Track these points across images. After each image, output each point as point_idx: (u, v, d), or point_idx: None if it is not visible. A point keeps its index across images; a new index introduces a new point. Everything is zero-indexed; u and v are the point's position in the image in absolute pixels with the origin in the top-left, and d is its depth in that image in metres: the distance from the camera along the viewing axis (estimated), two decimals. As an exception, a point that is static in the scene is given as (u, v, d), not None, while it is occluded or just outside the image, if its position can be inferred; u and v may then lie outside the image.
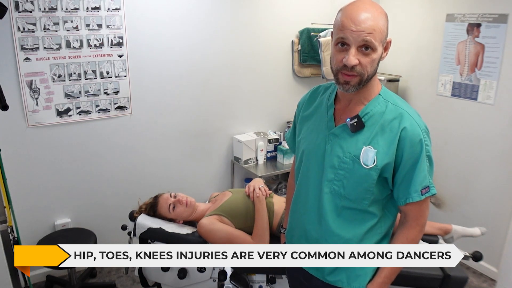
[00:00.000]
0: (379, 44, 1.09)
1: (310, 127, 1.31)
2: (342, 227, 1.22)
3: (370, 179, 1.16)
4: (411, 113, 1.16)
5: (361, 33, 1.06)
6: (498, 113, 2.62)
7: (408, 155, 1.14)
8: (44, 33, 2.36)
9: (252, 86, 3.20)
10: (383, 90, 1.21)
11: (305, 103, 1.37)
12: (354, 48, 1.07)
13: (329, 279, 1.27)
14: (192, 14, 2.81)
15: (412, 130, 1.13)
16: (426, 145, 1.14)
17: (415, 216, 1.21)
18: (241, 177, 3.36)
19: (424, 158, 1.14)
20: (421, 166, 1.14)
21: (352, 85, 1.12)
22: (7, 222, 1.76)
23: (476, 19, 2.66)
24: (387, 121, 1.15)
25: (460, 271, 1.77)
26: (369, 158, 1.15)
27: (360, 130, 1.17)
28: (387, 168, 1.15)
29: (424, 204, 1.20)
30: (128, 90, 2.70)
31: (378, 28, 1.07)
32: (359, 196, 1.19)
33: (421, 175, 1.15)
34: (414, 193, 1.16)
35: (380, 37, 1.08)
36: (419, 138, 1.13)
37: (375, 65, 1.12)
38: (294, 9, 3.21)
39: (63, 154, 2.58)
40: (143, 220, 1.97)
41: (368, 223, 1.22)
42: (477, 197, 2.82)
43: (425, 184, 1.16)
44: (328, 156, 1.21)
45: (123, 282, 2.70)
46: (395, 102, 1.18)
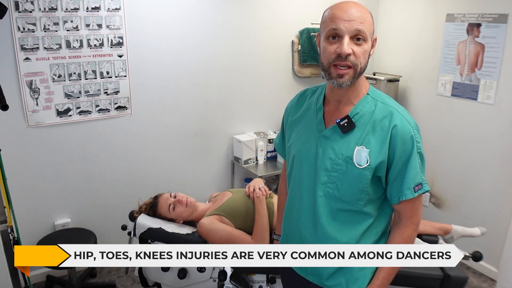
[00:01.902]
0: (369, 36, 1.11)
1: (300, 131, 1.30)
2: (338, 230, 1.21)
3: (365, 179, 1.15)
4: (400, 110, 1.17)
5: (353, 22, 1.08)
6: (498, 113, 2.62)
7: (400, 153, 1.14)
8: (44, 33, 2.36)
9: (252, 86, 3.20)
10: (371, 90, 1.22)
11: (293, 107, 1.37)
12: (347, 38, 1.09)
13: (328, 284, 1.25)
14: (192, 14, 2.82)
15: (402, 128, 1.14)
16: (417, 142, 1.15)
17: (409, 214, 1.21)
18: (241, 177, 3.36)
19: (416, 155, 1.14)
20: (413, 163, 1.14)
21: (347, 78, 1.11)
22: (7, 222, 1.76)
23: (476, 19, 2.66)
24: (378, 120, 1.16)
25: (460, 271, 1.77)
26: (362, 158, 1.15)
27: (351, 130, 1.17)
28: (380, 167, 1.15)
29: (418, 202, 1.20)
30: (128, 90, 2.70)
31: (368, 20, 1.11)
32: (354, 197, 1.18)
33: (413, 172, 1.15)
34: (407, 191, 1.16)
35: (369, 29, 1.12)
36: (410, 135, 1.14)
37: (367, 57, 1.14)
38: (294, 9, 3.21)
39: (63, 154, 2.58)
40: (143, 220, 1.97)
41: (364, 224, 1.21)
42: (477, 197, 2.81)
43: (417, 181, 1.16)
44: (321, 159, 1.20)
45: (123, 282, 2.70)
46: (384, 101, 1.19)
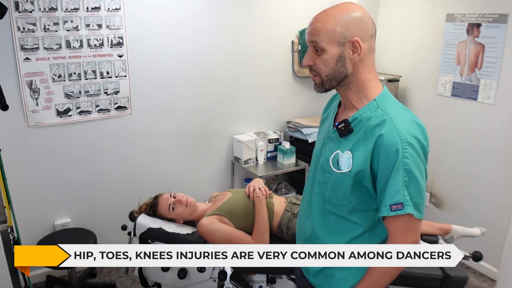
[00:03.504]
0: (328, 44, 1.10)
1: (321, 130, 1.36)
2: (326, 232, 1.22)
3: (344, 185, 1.14)
4: (396, 120, 1.08)
5: (308, 35, 1.14)
6: (498, 113, 2.62)
7: (383, 165, 1.07)
8: (44, 33, 2.36)
9: (252, 86, 3.20)
10: (380, 96, 1.16)
11: (325, 107, 1.42)
12: (310, 49, 1.15)
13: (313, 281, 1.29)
14: (192, 15, 2.81)
15: (388, 138, 1.06)
16: (405, 157, 1.04)
17: (394, 236, 1.12)
18: (241, 177, 3.36)
19: (400, 171, 1.05)
20: (395, 179, 1.06)
21: (317, 85, 1.18)
22: (7, 222, 1.76)
23: (476, 19, 2.66)
24: (370, 127, 1.11)
25: (460, 271, 1.77)
26: (343, 163, 1.14)
27: (348, 134, 1.16)
28: (362, 175, 1.11)
29: (405, 225, 1.09)
30: (128, 90, 2.70)
31: (324, 29, 1.10)
32: (337, 201, 1.18)
33: (393, 189, 1.06)
34: (383, 207, 1.09)
35: (328, 37, 1.09)
36: (395, 148, 1.05)
37: (331, 65, 1.12)
38: (294, 9, 3.21)
39: (63, 154, 2.58)
40: (143, 220, 1.97)
41: (351, 233, 1.19)
42: (477, 197, 2.82)
43: (396, 199, 1.06)
44: (322, 158, 1.24)
45: (123, 282, 2.70)
46: (385, 108, 1.12)
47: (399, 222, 1.09)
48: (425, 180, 1.10)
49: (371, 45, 1.14)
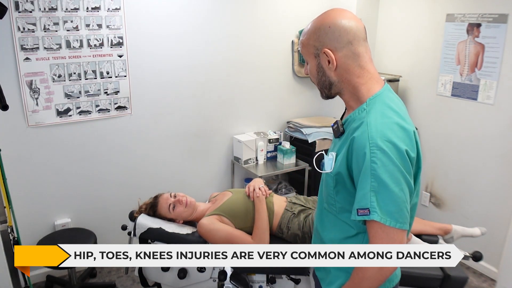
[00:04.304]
0: (308, 57, 1.17)
1: None
2: (323, 227, 1.28)
3: (328, 185, 1.19)
4: (372, 123, 1.04)
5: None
6: (498, 113, 2.62)
7: (355, 168, 1.07)
8: (44, 33, 2.36)
9: (252, 86, 3.21)
10: (372, 97, 1.12)
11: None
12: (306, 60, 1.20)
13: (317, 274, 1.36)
14: (192, 14, 2.82)
15: (359, 141, 1.04)
16: (372, 162, 1.01)
17: (371, 240, 1.07)
18: (241, 177, 3.36)
19: (367, 176, 1.02)
20: (362, 183, 1.03)
21: (319, 90, 1.22)
22: (7, 222, 1.76)
23: (476, 19, 2.66)
24: (352, 129, 1.11)
25: (460, 271, 1.77)
26: (326, 164, 1.18)
27: (340, 136, 1.19)
28: (341, 177, 1.12)
29: (381, 233, 1.04)
30: (128, 90, 2.70)
31: (303, 42, 1.16)
32: (327, 200, 1.23)
33: (360, 193, 1.04)
34: (353, 211, 1.07)
35: (305, 51, 1.16)
36: (363, 151, 1.03)
37: (315, 75, 1.18)
38: (294, 9, 3.21)
39: (63, 154, 2.58)
40: (143, 220, 1.97)
41: (343, 232, 1.21)
42: (477, 197, 2.82)
43: (363, 204, 1.03)
44: None
45: (123, 282, 2.70)
46: (369, 110, 1.09)
47: (375, 228, 1.05)
48: (402, 187, 1.03)
49: (353, 51, 1.10)
